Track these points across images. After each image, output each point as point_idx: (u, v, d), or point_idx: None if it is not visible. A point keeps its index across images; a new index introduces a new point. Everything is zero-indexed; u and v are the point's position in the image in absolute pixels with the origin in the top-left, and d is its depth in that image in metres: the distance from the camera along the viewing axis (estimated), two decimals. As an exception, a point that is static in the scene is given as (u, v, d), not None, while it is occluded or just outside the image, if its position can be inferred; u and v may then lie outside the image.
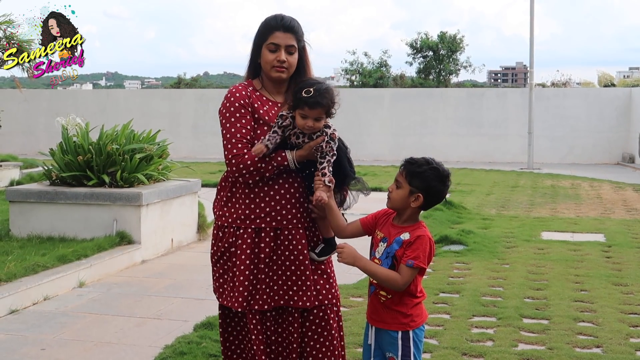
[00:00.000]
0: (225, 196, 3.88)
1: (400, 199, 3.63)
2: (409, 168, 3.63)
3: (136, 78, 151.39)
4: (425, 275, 7.68)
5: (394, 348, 3.62)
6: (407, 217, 3.66)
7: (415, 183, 3.59)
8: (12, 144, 24.60)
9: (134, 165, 8.77)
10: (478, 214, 12.19)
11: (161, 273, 8.04)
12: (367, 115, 24.58)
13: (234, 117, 3.77)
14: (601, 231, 10.52)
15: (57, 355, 5.40)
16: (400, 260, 3.56)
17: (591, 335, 5.80)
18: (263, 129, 3.79)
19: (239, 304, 3.77)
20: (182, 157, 21.32)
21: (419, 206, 3.63)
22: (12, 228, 8.68)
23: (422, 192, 3.59)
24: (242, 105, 3.79)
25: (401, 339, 3.62)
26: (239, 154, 3.71)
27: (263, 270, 3.78)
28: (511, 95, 25.09)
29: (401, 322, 3.61)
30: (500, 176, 18.78)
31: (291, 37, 3.81)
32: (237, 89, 3.85)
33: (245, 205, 3.79)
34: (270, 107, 3.87)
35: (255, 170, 3.70)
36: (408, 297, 3.62)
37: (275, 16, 3.85)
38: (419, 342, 3.66)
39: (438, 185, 3.61)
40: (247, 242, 3.77)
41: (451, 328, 5.95)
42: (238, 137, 3.74)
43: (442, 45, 45.56)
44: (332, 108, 3.73)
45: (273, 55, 3.79)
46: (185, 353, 5.21)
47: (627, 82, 35.37)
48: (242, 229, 3.79)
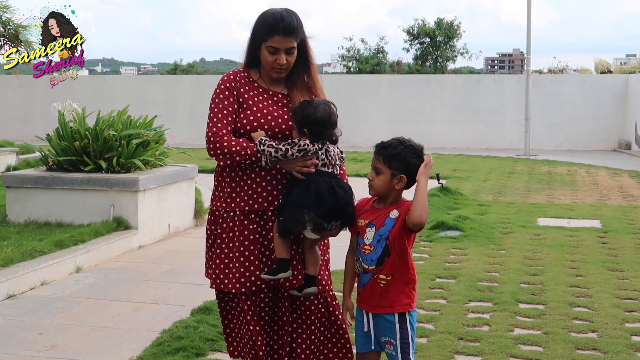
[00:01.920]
0: (217, 181, 4.00)
1: (383, 184, 3.65)
2: (385, 152, 3.64)
3: (132, 64, 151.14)
4: (422, 261, 7.73)
5: (392, 332, 3.64)
6: (392, 199, 3.69)
7: (395, 165, 3.61)
8: (8, 129, 24.55)
9: (130, 151, 8.76)
10: (474, 200, 12.21)
11: (158, 258, 8.05)
12: (364, 102, 24.55)
13: (218, 99, 3.88)
14: (597, 217, 10.54)
15: (55, 339, 5.41)
16: (394, 242, 3.59)
17: (587, 320, 5.83)
18: (246, 112, 3.86)
19: (232, 285, 3.84)
20: (178, 143, 21.31)
21: (404, 186, 3.65)
22: (9, 213, 8.68)
23: (404, 172, 3.61)
24: (228, 88, 3.89)
25: (399, 322, 3.63)
26: (218, 132, 3.80)
27: (253, 252, 3.84)
28: (508, 82, 25.06)
29: (403, 304, 3.63)
30: (497, 162, 18.79)
31: (291, 40, 3.82)
32: (228, 74, 3.98)
33: (231, 189, 3.89)
34: (267, 97, 3.92)
35: (228, 151, 3.77)
36: (408, 273, 3.64)
37: (274, 17, 3.79)
38: (414, 323, 3.69)
39: (417, 161, 3.62)
40: (236, 225, 3.85)
41: (447, 313, 5.97)
42: (219, 117, 3.83)
43: (439, 31, 45.49)
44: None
45: (272, 57, 3.83)
46: (183, 337, 5.23)
47: (623, 69, 35.35)
48: (230, 212, 3.87)
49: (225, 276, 3.87)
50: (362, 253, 3.70)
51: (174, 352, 5.01)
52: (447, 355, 5.05)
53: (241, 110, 3.86)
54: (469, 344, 5.29)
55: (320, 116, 3.72)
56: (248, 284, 3.83)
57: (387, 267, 3.63)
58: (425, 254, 8.15)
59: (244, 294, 3.86)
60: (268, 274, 3.77)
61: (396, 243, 3.60)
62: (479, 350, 5.15)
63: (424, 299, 6.37)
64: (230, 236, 3.87)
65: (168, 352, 5.00)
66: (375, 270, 3.66)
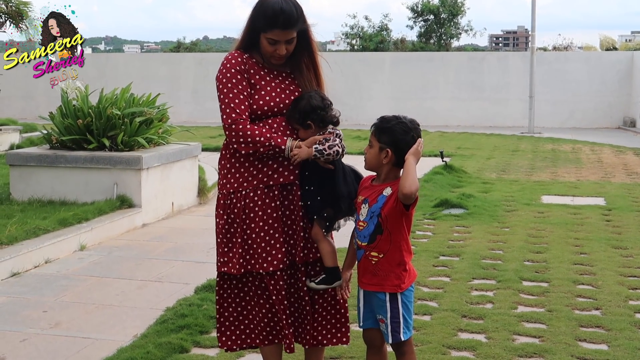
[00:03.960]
0: (229, 163, 3.86)
1: (372, 157, 3.65)
2: (377, 125, 3.66)
3: (135, 42, 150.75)
4: (425, 239, 7.73)
5: (383, 310, 3.65)
6: (385, 176, 3.67)
7: (383, 139, 3.61)
8: (11, 108, 24.52)
9: (134, 129, 8.74)
10: (478, 177, 12.19)
11: (162, 236, 8.06)
12: (368, 80, 24.46)
13: (230, 83, 3.76)
14: (601, 195, 10.52)
15: (59, 317, 5.43)
16: (386, 220, 3.58)
17: (590, 298, 5.83)
18: (261, 93, 3.80)
19: (259, 265, 3.78)
20: (182, 121, 21.27)
21: (393, 162, 3.61)
22: (12, 192, 8.69)
23: (391, 147, 3.59)
24: (239, 71, 3.78)
25: (389, 301, 3.63)
26: (238, 119, 3.71)
27: (277, 228, 3.79)
28: (512, 59, 24.95)
29: (393, 284, 3.62)
30: (501, 140, 18.74)
31: (291, 32, 3.77)
32: (233, 55, 3.84)
33: (253, 167, 3.79)
34: (275, 76, 3.88)
35: (252, 140, 3.69)
36: (400, 254, 3.62)
37: (274, 10, 3.69)
38: (408, 302, 3.67)
39: (406, 137, 3.59)
40: (258, 202, 3.78)
41: (451, 291, 5.98)
42: (236, 103, 3.73)
43: (443, 9, 45.31)
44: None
45: (272, 48, 3.78)
46: (187, 315, 5.24)
47: (629, 46, 35.13)
48: (250, 191, 3.78)
49: (251, 257, 3.79)
50: (357, 229, 3.72)
51: (177, 329, 5.03)
52: (451, 333, 5.05)
53: (254, 92, 3.79)
54: (472, 321, 5.30)
55: (316, 103, 3.78)
56: (275, 262, 3.78)
57: (379, 244, 3.62)
58: (429, 232, 8.14)
59: (270, 273, 3.80)
60: (323, 283, 3.83)
61: (389, 221, 3.58)
62: (483, 327, 5.15)
63: (428, 276, 6.37)
64: (252, 216, 3.77)
65: (172, 330, 5.01)
66: (367, 247, 3.65)
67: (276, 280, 3.82)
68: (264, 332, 3.93)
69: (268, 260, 3.77)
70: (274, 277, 3.81)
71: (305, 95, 3.82)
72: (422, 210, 9.19)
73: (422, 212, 9.10)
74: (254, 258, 3.79)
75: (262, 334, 3.93)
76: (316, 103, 3.78)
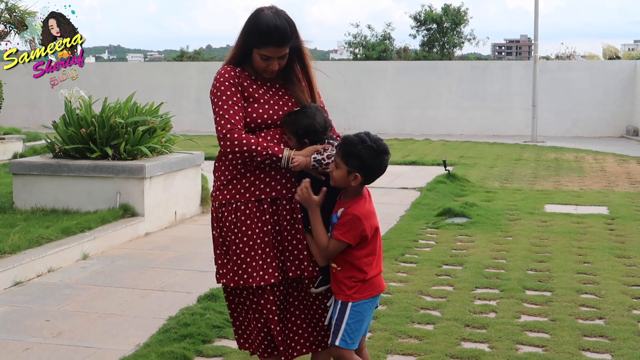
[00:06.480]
0: (223, 175, 3.87)
1: (339, 178, 3.69)
2: (344, 148, 3.67)
3: (139, 51, 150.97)
4: (428, 248, 7.72)
5: (334, 312, 3.78)
6: (350, 194, 3.74)
7: (351, 163, 3.64)
8: (15, 117, 24.54)
9: (137, 138, 8.75)
10: (481, 186, 12.18)
11: (165, 246, 8.06)
12: (371, 89, 24.47)
13: (225, 96, 3.78)
14: (605, 204, 10.51)
15: (61, 326, 5.43)
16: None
17: (594, 307, 5.82)
18: (254, 106, 3.81)
19: (252, 279, 3.78)
20: (185, 130, 21.28)
21: (361, 182, 3.68)
22: (15, 201, 8.70)
23: (360, 171, 3.64)
24: (233, 84, 3.81)
25: (340, 307, 3.74)
26: (233, 128, 3.72)
27: (270, 242, 3.80)
28: (515, 68, 24.95)
29: (345, 294, 3.72)
30: (504, 149, 18.73)
31: (284, 48, 3.79)
32: (225, 70, 3.86)
33: (245, 179, 3.80)
34: (268, 89, 3.89)
35: (248, 149, 3.69)
36: (354, 271, 3.71)
37: (268, 27, 3.71)
38: (360, 316, 3.73)
39: (375, 161, 3.65)
40: (250, 215, 3.78)
41: (454, 300, 5.97)
42: (231, 114, 3.75)
43: (446, 17, 45.33)
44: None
45: (265, 63, 3.80)
46: (189, 324, 5.24)
47: (632, 55, 35.13)
48: (242, 203, 3.79)
49: (244, 272, 3.79)
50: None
51: (180, 338, 5.02)
52: (454, 342, 5.04)
53: (247, 105, 3.80)
54: (475, 330, 5.29)
55: (319, 127, 3.80)
56: (267, 277, 3.78)
57: (336, 258, 3.74)
58: (431, 241, 8.13)
59: (264, 287, 3.80)
60: (323, 284, 3.85)
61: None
62: (486, 337, 5.14)
63: (431, 285, 6.36)
64: (244, 230, 3.78)
65: (174, 339, 5.01)
66: (333, 259, 3.79)
67: (268, 294, 3.82)
68: (262, 345, 3.94)
69: (260, 275, 3.78)
70: (266, 291, 3.82)
71: (310, 112, 3.81)
72: (425, 219, 9.19)
73: (425, 221, 9.10)
74: (247, 272, 3.79)
75: (261, 347, 3.94)
76: (318, 127, 3.80)
